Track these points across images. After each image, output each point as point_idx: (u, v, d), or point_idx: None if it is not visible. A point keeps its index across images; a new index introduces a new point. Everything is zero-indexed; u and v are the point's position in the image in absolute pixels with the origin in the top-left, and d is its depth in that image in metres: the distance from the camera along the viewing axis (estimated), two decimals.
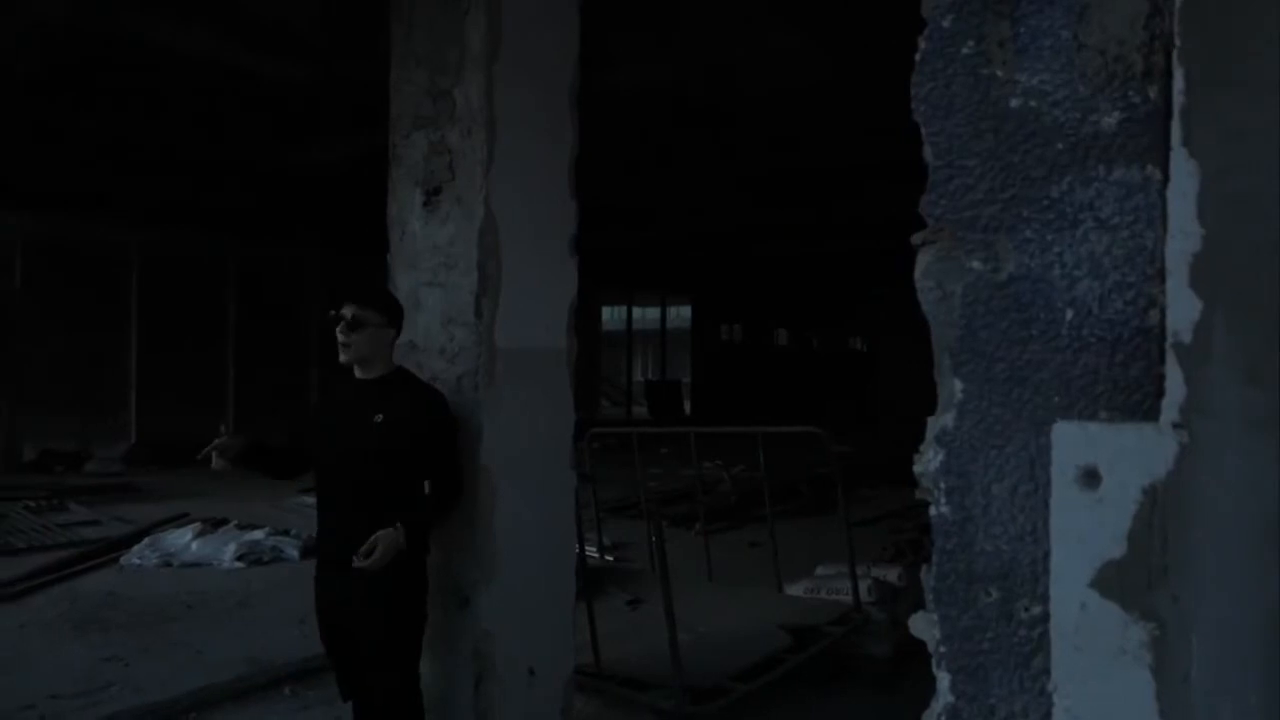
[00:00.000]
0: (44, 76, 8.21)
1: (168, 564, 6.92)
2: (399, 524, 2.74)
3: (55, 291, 13.21)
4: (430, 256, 3.27)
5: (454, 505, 3.06)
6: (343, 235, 13.13)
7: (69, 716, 4.06)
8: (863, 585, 5.07)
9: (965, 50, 1.12)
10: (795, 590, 5.53)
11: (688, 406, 23.49)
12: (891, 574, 5.41)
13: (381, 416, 2.85)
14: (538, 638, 3.31)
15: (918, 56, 1.15)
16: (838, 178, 11.94)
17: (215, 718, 4.18)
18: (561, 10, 3.41)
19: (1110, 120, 1.02)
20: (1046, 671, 1.05)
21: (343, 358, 2.93)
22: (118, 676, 4.56)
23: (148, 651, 4.97)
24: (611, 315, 25.87)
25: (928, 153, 1.15)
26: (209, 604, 5.95)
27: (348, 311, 2.89)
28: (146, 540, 7.31)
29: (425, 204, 3.28)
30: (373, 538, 2.68)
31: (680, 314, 26.13)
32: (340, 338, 2.90)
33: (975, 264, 1.11)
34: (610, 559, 7.10)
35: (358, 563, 2.65)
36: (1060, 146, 1.05)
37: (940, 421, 1.13)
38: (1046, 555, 1.05)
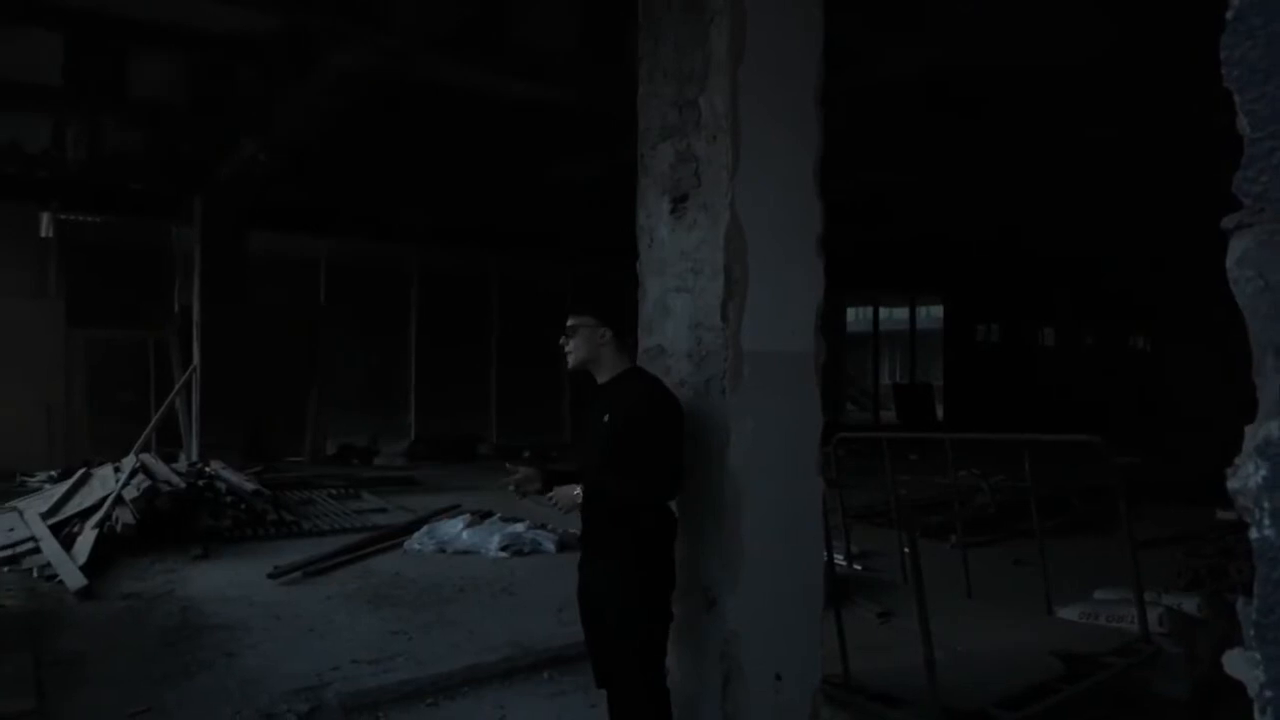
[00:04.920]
0: (339, 120, 9.34)
1: (442, 550, 7.63)
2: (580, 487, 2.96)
3: (351, 305, 15.14)
4: (678, 262, 3.33)
5: (648, 496, 2.95)
6: (595, 245, 13.81)
7: (365, 680, 4.56)
8: (1152, 614, 4.54)
9: None
10: (1068, 614, 5.06)
11: (939, 411, 22.34)
12: (1188, 603, 4.80)
13: (608, 417, 2.97)
14: (784, 643, 3.26)
15: (1230, 14, 1.00)
16: (1116, 160, 10.82)
17: (484, 693, 4.52)
18: (805, 8, 3.35)
19: None
20: None
21: (568, 365, 3.11)
22: (403, 648, 5.08)
23: (427, 628, 5.50)
24: (856, 317, 25.20)
25: (1242, 124, 1.00)
26: (478, 589, 6.47)
27: (568, 322, 3.07)
28: (425, 528, 8.09)
29: (672, 211, 3.35)
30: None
31: (930, 314, 24.95)
32: (565, 349, 3.08)
33: None
34: (858, 568, 6.89)
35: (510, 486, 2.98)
36: None
37: (1263, 430, 0.97)
38: None
